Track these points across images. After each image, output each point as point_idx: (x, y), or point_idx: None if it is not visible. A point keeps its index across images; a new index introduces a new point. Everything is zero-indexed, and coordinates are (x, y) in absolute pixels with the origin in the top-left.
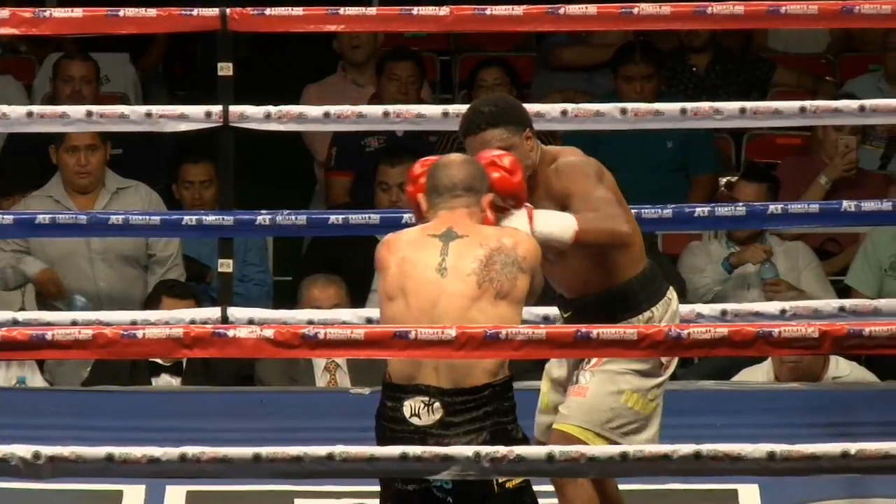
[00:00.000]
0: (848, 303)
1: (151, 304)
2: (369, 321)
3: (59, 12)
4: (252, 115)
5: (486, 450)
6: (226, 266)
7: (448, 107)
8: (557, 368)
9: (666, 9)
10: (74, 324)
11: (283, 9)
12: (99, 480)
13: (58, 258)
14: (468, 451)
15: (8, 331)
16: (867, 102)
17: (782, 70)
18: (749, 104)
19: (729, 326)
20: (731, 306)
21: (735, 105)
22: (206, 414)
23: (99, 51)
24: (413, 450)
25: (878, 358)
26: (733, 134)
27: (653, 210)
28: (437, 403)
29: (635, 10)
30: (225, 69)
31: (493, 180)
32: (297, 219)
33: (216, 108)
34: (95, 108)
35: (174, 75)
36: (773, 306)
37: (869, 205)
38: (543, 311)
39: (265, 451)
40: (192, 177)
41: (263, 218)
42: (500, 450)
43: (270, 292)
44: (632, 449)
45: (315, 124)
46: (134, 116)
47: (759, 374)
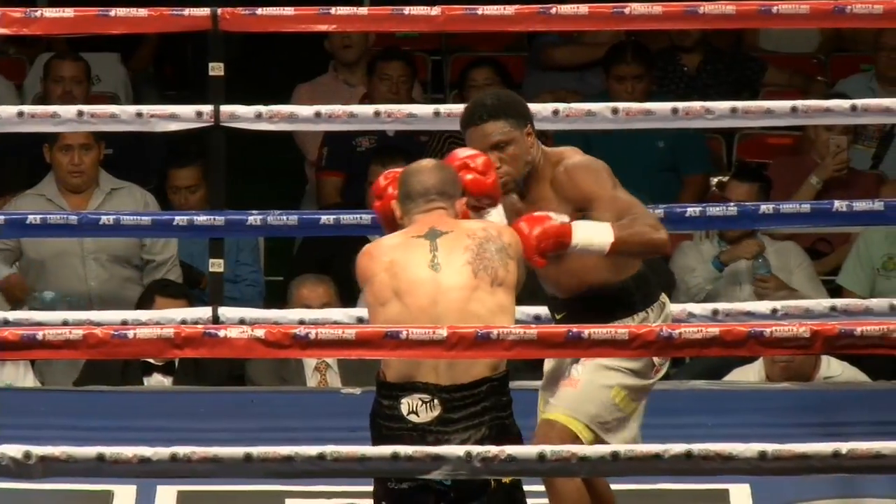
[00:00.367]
0: (839, 302)
1: (144, 304)
2: (360, 321)
3: (50, 12)
4: (243, 114)
5: (477, 449)
6: (217, 266)
7: (439, 107)
8: (549, 362)
9: (657, 8)
10: (65, 324)
11: (273, 9)
12: (90, 480)
13: (50, 257)
14: (459, 450)
15: None
16: (858, 102)
17: (773, 70)
18: (740, 104)
19: (720, 326)
20: (722, 306)
21: (726, 105)
22: (197, 414)
23: (90, 51)
24: (404, 449)
25: (869, 358)
26: (724, 134)
27: None
28: (435, 400)
29: (626, 10)
30: (216, 69)
31: (466, 182)
32: (288, 219)
33: (207, 108)
34: (86, 107)
35: (165, 75)
36: (765, 306)
37: (860, 205)
38: (535, 310)
39: (256, 450)
40: (179, 181)
41: (254, 218)
42: (492, 449)
43: (263, 292)
44: (623, 448)
45: (306, 124)
46: (125, 116)
47: (750, 374)
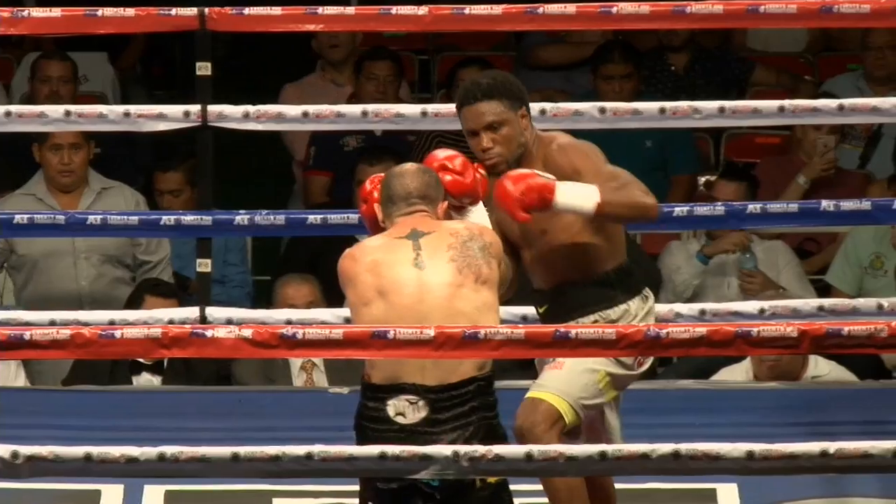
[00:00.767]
0: (827, 302)
1: (134, 303)
2: (348, 321)
3: (38, 12)
4: (230, 114)
5: (464, 449)
6: (204, 266)
7: (427, 106)
8: None
9: (645, 8)
10: (53, 324)
11: (261, 8)
12: (77, 480)
13: (41, 257)
14: (447, 450)
15: None
16: (846, 102)
17: (761, 69)
18: (728, 103)
19: (708, 326)
20: (709, 306)
21: (714, 104)
22: (185, 413)
23: (77, 50)
24: (392, 449)
25: (856, 357)
26: (712, 133)
27: None
28: (422, 401)
29: (614, 10)
30: (203, 69)
31: (445, 183)
32: (275, 218)
33: (195, 108)
34: (74, 107)
35: (153, 75)
36: (752, 305)
37: (848, 204)
38: (522, 310)
39: (244, 450)
40: (162, 185)
41: (242, 218)
42: (479, 449)
43: (251, 293)
44: (610, 448)
45: (293, 124)
46: (112, 116)
47: (738, 374)
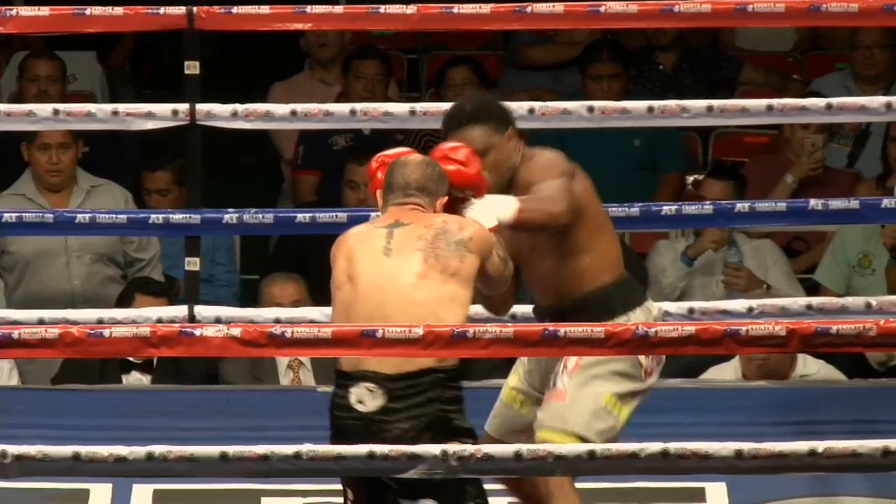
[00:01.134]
0: (815, 301)
1: (124, 302)
2: None
3: (26, 11)
4: (219, 113)
5: (453, 448)
6: (193, 265)
7: (415, 105)
8: (530, 361)
9: (633, 7)
10: (41, 323)
11: (249, 7)
12: (66, 479)
13: (35, 256)
14: (435, 449)
15: None
16: (834, 101)
17: (749, 68)
18: (716, 102)
19: (696, 324)
20: (698, 304)
21: (702, 103)
22: (174, 413)
23: (66, 49)
24: (380, 449)
25: (843, 355)
26: (700, 132)
27: (620, 209)
28: (380, 389)
29: (602, 9)
30: (192, 67)
31: (449, 173)
32: (264, 217)
33: (183, 107)
34: (62, 106)
35: (141, 74)
36: (741, 304)
37: (836, 203)
38: (512, 309)
39: (232, 449)
40: (150, 184)
41: (230, 216)
42: (468, 448)
43: (238, 292)
44: (599, 447)
45: (282, 122)
46: (101, 115)
47: (727, 372)
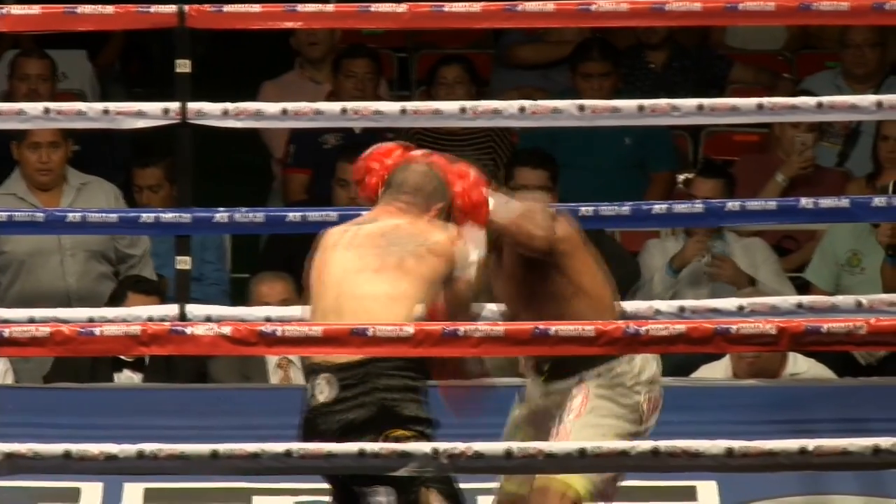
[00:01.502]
0: (806, 299)
1: (117, 300)
2: None
3: (17, 9)
4: (210, 111)
5: (444, 446)
6: (183, 263)
7: (406, 104)
8: (536, 398)
9: (623, 5)
10: (32, 321)
11: (240, 5)
12: (57, 478)
13: (27, 255)
14: (426, 447)
15: None
16: (824, 99)
17: (740, 67)
18: (706, 101)
19: (687, 323)
20: (688, 303)
21: (692, 102)
22: (165, 411)
23: (56, 48)
24: (370, 447)
25: (833, 354)
26: (691, 131)
27: (610, 207)
28: (334, 379)
29: (592, 7)
30: (182, 66)
31: (455, 192)
32: (254, 216)
33: (174, 105)
34: (53, 104)
35: (132, 72)
36: (731, 303)
37: (826, 202)
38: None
39: (223, 447)
40: (140, 181)
41: (221, 215)
42: (458, 446)
43: (228, 291)
44: (589, 445)
45: (272, 121)
46: (91, 113)
47: (717, 371)
